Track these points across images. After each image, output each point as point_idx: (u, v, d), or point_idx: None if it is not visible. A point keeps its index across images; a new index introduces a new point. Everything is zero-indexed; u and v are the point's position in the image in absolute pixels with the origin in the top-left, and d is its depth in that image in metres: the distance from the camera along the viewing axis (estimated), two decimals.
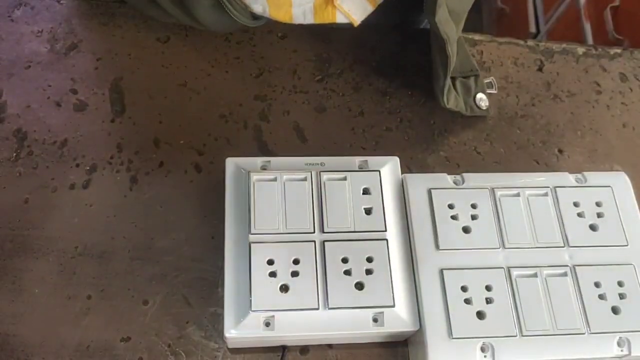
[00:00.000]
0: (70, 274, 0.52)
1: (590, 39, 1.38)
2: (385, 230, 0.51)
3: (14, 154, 0.57)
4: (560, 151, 0.62)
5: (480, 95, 0.62)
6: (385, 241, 0.50)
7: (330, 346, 0.51)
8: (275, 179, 0.52)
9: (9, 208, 0.54)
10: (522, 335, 0.47)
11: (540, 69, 0.67)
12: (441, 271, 0.49)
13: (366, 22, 0.68)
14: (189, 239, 0.54)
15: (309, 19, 0.57)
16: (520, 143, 0.62)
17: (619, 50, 0.69)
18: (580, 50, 0.69)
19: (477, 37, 0.68)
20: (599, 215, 0.53)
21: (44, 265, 0.52)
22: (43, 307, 0.51)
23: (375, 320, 0.48)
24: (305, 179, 0.52)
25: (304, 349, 0.51)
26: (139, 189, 0.56)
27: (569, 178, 0.54)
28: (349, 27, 0.67)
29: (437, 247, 0.50)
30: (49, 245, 0.53)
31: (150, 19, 0.64)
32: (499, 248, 0.51)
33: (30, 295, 0.51)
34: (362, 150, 0.60)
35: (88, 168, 0.57)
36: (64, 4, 0.65)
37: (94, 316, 0.51)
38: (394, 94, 0.64)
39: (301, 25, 0.66)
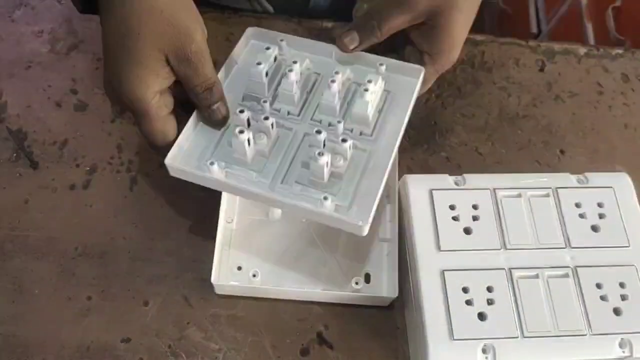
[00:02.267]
0: (71, 275, 0.52)
1: (591, 40, 1.37)
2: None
3: (14, 154, 0.57)
4: (561, 152, 0.62)
5: None
6: None
7: (331, 347, 0.51)
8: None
9: (9, 208, 0.54)
10: (524, 337, 0.47)
11: (541, 70, 0.67)
12: (442, 272, 0.49)
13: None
14: (189, 240, 0.54)
15: None
16: (522, 143, 0.62)
17: (620, 51, 0.69)
18: (582, 50, 0.69)
19: (478, 37, 0.68)
20: (601, 216, 0.52)
21: (44, 265, 0.52)
22: (43, 307, 0.51)
23: None
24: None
25: (304, 350, 0.51)
26: (139, 190, 0.56)
27: (571, 179, 0.54)
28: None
29: (438, 248, 0.50)
30: (49, 245, 0.53)
31: None
32: (500, 249, 0.51)
33: (30, 296, 0.51)
34: None
35: (88, 168, 0.57)
36: (64, 4, 0.65)
37: (95, 317, 0.51)
38: None
39: (302, 26, 0.66)
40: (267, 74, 0.49)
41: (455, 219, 0.52)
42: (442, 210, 0.52)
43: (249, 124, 0.48)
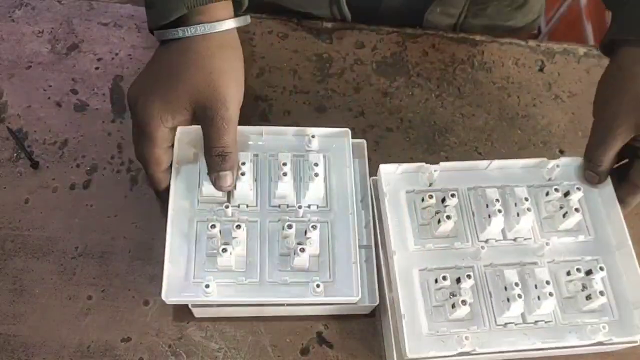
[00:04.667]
0: (71, 274, 0.52)
1: (591, 40, 1.37)
2: None
3: (15, 154, 0.57)
4: (561, 151, 0.62)
5: None
6: None
7: (331, 346, 0.51)
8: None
9: (10, 208, 0.54)
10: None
11: (541, 70, 0.67)
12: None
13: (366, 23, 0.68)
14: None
15: None
16: (522, 143, 0.62)
17: None
18: (582, 50, 0.69)
19: (478, 37, 0.68)
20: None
21: (44, 265, 0.52)
22: (43, 307, 0.51)
23: None
24: None
25: (304, 349, 0.51)
26: (139, 189, 0.56)
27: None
28: (350, 27, 0.67)
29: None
30: (50, 245, 0.53)
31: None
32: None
33: (30, 296, 0.51)
34: None
35: (88, 168, 0.57)
36: (64, 4, 0.65)
37: (95, 316, 0.51)
38: (394, 94, 0.64)
39: (301, 26, 0.66)
40: None
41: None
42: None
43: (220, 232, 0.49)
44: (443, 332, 0.48)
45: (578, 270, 0.49)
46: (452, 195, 0.51)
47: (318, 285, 0.47)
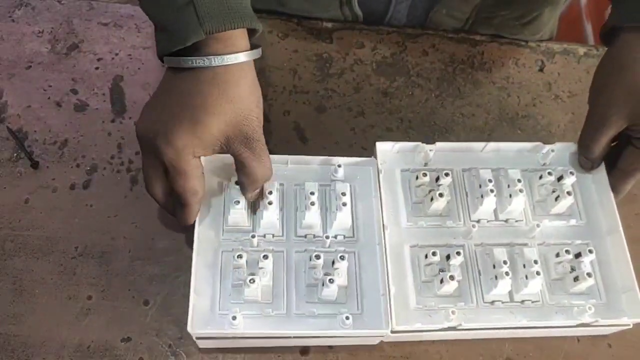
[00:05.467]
0: (71, 274, 0.52)
1: (591, 39, 1.37)
2: None
3: (15, 154, 0.57)
4: None
5: None
6: None
7: (330, 347, 0.51)
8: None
9: (10, 208, 0.54)
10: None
11: (541, 70, 0.67)
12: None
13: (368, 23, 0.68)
14: (189, 240, 0.54)
15: None
16: None
17: None
18: (581, 50, 0.69)
19: (478, 37, 0.68)
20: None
21: (44, 265, 0.52)
22: (43, 307, 0.51)
23: None
24: None
25: (304, 350, 0.51)
26: (139, 189, 0.56)
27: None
28: (349, 27, 0.67)
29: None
30: (50, 245, 0.53)
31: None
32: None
33: (30, 296, 0.51)
34: (363, 151, 0.60)
35: (88, 168, 0.57)
36: (64, 4, 0.65)
37: (95, 316, 0.51)
38: (394, 94, 0.64)
39: (302, 25, 0.66)
40: (245, 208, 0.50)
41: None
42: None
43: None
44: (431, 306, 0.49)
45: (567, 252, 0.50)
46: (446, 175, 0.51)
47: (347, 318, 0.46)
